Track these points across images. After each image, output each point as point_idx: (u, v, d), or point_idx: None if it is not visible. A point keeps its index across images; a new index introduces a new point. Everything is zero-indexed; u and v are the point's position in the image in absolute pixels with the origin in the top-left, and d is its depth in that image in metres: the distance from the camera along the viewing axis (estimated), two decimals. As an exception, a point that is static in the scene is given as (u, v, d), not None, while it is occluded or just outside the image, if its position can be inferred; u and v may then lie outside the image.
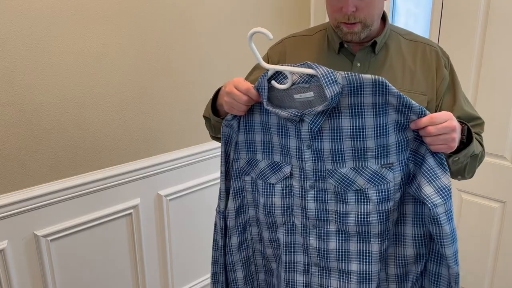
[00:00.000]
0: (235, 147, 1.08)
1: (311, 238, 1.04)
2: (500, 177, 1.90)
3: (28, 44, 1.42)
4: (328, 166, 0.99)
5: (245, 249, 1.11)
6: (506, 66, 1.79)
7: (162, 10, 1.72)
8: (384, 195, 0.97)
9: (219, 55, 1.97)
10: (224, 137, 1.08)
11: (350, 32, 1.10)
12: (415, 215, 1.02)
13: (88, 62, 1.57)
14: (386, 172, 0.96)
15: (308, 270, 1.07)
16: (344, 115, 0.94)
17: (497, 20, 1.78)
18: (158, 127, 1.83)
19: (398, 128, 0.94)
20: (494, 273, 2.01)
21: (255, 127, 1.05)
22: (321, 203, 1.02)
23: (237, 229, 1.09)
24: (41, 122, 1.50)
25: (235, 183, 1.09)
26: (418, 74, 1.16)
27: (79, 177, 1.62)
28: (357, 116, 0.94)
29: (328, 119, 0.95)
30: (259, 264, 1.14)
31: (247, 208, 1.10)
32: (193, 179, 1.98)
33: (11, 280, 1.52)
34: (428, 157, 0.96)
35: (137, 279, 1.90)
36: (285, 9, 2.18)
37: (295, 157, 1.01)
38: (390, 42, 1.18)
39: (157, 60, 1.76)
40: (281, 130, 1.01)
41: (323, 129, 0.97)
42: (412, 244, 1.03)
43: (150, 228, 1.88)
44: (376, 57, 1.16)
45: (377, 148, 0.95)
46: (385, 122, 0.93)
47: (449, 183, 0.95)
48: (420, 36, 1.22)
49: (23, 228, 1.51)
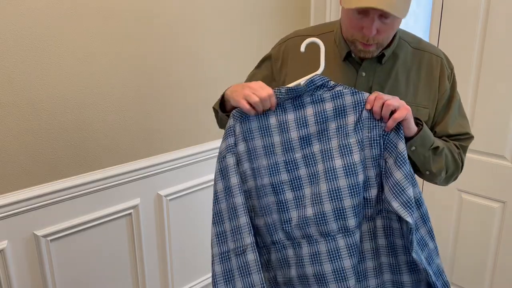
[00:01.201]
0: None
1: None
2: (500, 177, 1.90)
3: (28, 44, 1.42)
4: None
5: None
6: (506, 66, 1.79)
7: (162, 10, 1.72)
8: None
9: (219, 55, 1.97)
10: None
11: (364, 51, 1.08)
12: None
13: (88, 62, 1.57)
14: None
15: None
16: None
17: (497, 20, 1.78)
18: (158, 127, 1.83)
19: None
20: (494, 272, 2.01)
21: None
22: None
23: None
24: (41, 122, 1.50)
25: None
26: (422, 86, 1.15)
27: (79, 177, 1.62)
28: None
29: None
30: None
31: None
32: (193, 179, 1.98)
33: (11, 280, 1.52)
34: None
35: (137, 279, 1.90)
36: (285, 9, 2.18)
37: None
38: (399, 51, 1.15)
39: (157, 60, 1.76)
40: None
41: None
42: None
43: (150, 228, 1.88)
44: (382, 67, 1.14)
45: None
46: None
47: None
48: (427, 44, 1.20)
49: (23, 228, 1.51)
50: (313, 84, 1.05)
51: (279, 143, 1.07)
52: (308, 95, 1.06)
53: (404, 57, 1.16)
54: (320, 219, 1.05)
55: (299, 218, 1.06)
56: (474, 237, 2.03)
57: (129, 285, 1.88)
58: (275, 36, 2.17)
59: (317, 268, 1.06)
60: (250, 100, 1.02)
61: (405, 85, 1.14)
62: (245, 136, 1.06)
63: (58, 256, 1.62)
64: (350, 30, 1.06)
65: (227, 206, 1.04)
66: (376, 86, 1.14)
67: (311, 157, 1.06)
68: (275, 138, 1.07)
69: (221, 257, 1.04)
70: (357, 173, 1.03)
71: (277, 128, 1.07)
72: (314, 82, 1.05)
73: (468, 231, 2.04)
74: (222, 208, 1.05)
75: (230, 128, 1.06)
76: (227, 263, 1.04)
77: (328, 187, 1.04)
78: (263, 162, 1.07)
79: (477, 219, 1.99)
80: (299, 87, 1.05)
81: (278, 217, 1.08)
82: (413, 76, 1.15)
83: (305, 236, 1.07)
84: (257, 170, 1.07)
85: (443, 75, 1.16)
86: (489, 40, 1.82)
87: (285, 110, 1.06)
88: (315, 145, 1.06)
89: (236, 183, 1.03)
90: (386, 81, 1.14)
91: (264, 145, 1.07)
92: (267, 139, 1.07)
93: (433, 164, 1.14)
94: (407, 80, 1.15)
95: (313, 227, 1.06)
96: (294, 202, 1.07)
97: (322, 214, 1.04)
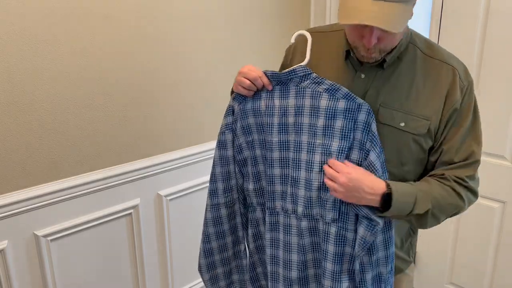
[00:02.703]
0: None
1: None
2: (500, 177, 1.90)
3: (28, 44, 1.42)
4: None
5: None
6: (506, 66, 1.79)
7: (162, 10, 1.72)
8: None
9: (220, 55, 1.97)
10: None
11: (367, 57, 1.06)
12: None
13: (88, 62, 1.57)
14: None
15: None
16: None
17: (497, 20, 1.78)
18: (158, 127, 1.83)
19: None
20: (494, 273, 2.01)
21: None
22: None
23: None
24: (41, 122, 1.50)
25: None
26: (425, 96, 1.08)
27: (79, 177, 1.62)
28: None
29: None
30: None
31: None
32: (193, 179, 1.98)
33: (11, 280, 1.52)
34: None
35: (137, 279, 1.90)
36: (285, 9, 2.18)
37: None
38: (404, 56, 1.10)
39: (157, 60, 1.76)
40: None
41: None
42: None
43: (150, 228, 1.88)
44: (383, 71, 1.10)
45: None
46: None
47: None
48: (441, 52, 1.11)
49: (23, 228, 1.51)
50: (294, 74, 1.12)
51: (266, 124, 1.17)
52: (294, 86, 1.13)
53: (410, 63, 1.10)
54: (294, 199, 1.16)
55: (282, 193, 1.18)
56: (474, 237, 2.03)
57: (129, 285, 1.88)
58: (275, 37, 2.17)
59: (275, 235, 1.22)
60: (242, 84, 1.15)
61: (407, 90, 1.08)
62: (242, 115, 1.20)
63: (58, 256, 1.62)
64: (352, 37, 1.05)
65: (221, 171, 1.25)
66: (372, 90, 1.10)
67: (286, 144, 1.16)
68: (264, 119, 1.17)
69: (211, 207, 1.29)
70: (312, 171, 1.12)
71: (265, 111, 1.16)
72: (295, 71, 1.12)
73: (468, 231, 2.04)
74: (217, 171, 1.25)
75: (230, 108, 1.21)
76: (217, 212, 1.29)
77: (294, 174, 1.15)
78: (255, 136, 1.20)
79: (477, 219, 1.99)
80: (281, 73, 1.13)
81: (265, 185, 1.21)
82: (417, 84, 1.08)
83: (283, 209, 1.19)
84: (251, 143, 1.21)
85: (454, 86, 1.07)
86: (489, 40, 1.82)
87: (273, 96, 1.16)
88: (291, 134, 1.14)
89: (231, 155, 1.23)
90: (384, 86, 1.10)
91: (256, 123, 1.19)
92: (258, 119, 1.18)
93: (417, 225, 1.11)
94: (409, 87, 1.08)
95: (289, 204, 1.18)
96: (279, 178, 1.18)
97: (296, 195, 1.16)
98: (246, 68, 1.15)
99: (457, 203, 1.09)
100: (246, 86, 1.15)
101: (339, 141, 1.08)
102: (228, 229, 1.31)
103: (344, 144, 1.08)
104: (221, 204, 1.28)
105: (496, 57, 1.81)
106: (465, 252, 2.07)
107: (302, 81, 1.12)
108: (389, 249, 1.12)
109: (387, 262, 1.13)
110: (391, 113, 1.09)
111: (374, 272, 1.13)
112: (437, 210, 1.07)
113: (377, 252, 1.11)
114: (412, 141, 1.09)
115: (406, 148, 1.09)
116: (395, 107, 1.09)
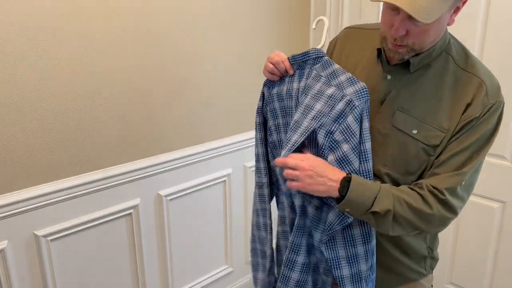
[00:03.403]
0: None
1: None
2: (500, 177, 1.90)
3: (28, 44, 1.42)
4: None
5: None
6: (506, 66, 1.79)
7: (163, 10, 1.72)
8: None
9: (220, 55, 1.97)
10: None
11: (393, 51, 1.03)
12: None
13: (88, 62, 1.57)
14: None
15: None
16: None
17: (497, 20, 1.78)
18: (158, 127, 1.83)
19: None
20: (494, 273, 2.01)
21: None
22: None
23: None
24: (41, 122, 1.50)
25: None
26: (447, 107, 1.03)
27: (79, 177, 1.62)
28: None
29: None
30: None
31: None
32: (193, 179, 1.98)
33: (11, 280, 1.52)
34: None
35: (137, 279, 1.90)
36: (285, 9, 2.18)
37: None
38: (435, 64, 1.05)
39: (157, 60, 1.76)
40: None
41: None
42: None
43: (150, 228, 1.88)
44: (410, 75, 1.07)
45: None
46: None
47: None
48: (477, 66, 1.04)
49: (23, 228, 1.51)
50: (307, 56, 1.18)
51: (287, 107, 1.23)
52: (309, 68, 1.19)
53: (440, 72, 1.05)
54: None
55: None
56: (474, 237, 2.03)
57: (129, 285, 1.88)
58: (275, 37, 2.17)
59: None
60: (267, 68, 1.21)
61: (427, 100, 1.04)
62: (269, 99, 1.26)
63: (58, 256, 1.62)
64: (383, 26, 1.03)
65: (256, 152, 1.32)
66: (394, 92, 1.08)
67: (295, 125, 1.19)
68: (285, 102, 1.23)
69: (256, 184, 1.35)
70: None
71: (285, 95, 1.22)
72: (308, 53, 1.18)
73: (468, 231, 2.04)
74: (258, 152, 1.32)
75: (261, 94, 1.29)
76: (256, 189, 1.35)
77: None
78: (280, 120, 1.26)
79: (477, 219, 1.99)
80: (297, 55, 1.19)
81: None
82: (441, 94, 1.03)
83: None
84: (277, 127, 1.27)
85: (476, 100, 1.00)
86: (489, 40, 1.81)
87: (293, 80, 1.21)
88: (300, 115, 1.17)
89: (259, 138, 1.30)
90: (406, 90, 1.07)
91: (280, 107, 1.25)
92: (281, 103, 1.24)
93: (377, 227, 1.04)
94: (432, 96, 1.04)
95: None
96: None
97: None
98: (273, 53, 1.21)
99: (424, 211, 1.00)
100: (269, 69, 1.20)
101: (310, 121, 1.10)
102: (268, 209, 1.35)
103: (311, 125, 1.10)
104: (264, 184, 1.33)
105: (496, 57, 1.81)
106: (465, 252, 2.07)
107: (315, 63, 1.17)
108: (368, 244, 1.10)
109: (367, 258, 1.11)
110: (406, 118, 1.06)
111: (353, 270, 1.12)
112: (399, 214, 1.00)
113: (354, 247, 1.10)
114: (422, 151, 1.05)
115: (415, 157, 1.05)
116: (412, 113, 1.06)
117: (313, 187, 1.02)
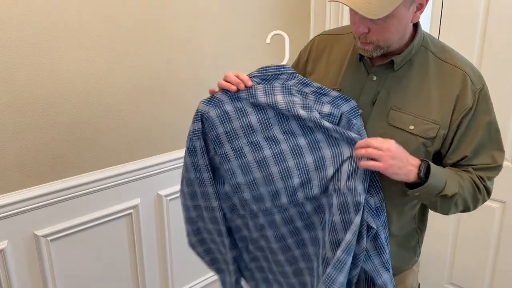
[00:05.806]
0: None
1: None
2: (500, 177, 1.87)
3: (28, 44, 1.42)
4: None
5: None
6: (506, 66, 1.79)
7: (163, 10, 1.72)
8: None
9: (220, 55, 1.97)
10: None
11: (362, 49, 1.06)
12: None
13: (88, 62, 1.57)
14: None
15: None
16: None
17: (497, 20, 1.78)
18: (158, 127, 1.83)
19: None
20: (494, 273, 2.01)
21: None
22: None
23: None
24: (41, 122, 1.50)
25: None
26: (436, 100, 1.07)
27: (79, 177, 1.62)
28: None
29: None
30: None
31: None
32: (193, 179, 1.98)
33: (11, 280, 1.52)
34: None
35: (137, 279, 1.90)
36: (285, 9, 2.18)
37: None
38: (416, 59, 1.09)
39: (157, 60, 1.76)
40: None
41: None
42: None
43: (150, 228, 1.88)
44: (394, 74, 1.10)
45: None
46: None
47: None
48: (454, 56, 1.11)
49: (23, 228, 1.51)
50: (283, 69, 1.14)
51: (256, 122, 1.15)
52: (280, 83, 1.13)
53: (422, 66, 1.09)
54: (291, 191, 1.16)
55: (285, 188, 1.17)
56: (474, 237, 2.03)
57: (129, 285, 1.88)
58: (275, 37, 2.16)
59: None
60: (220, 84, 1.15)
61: (416, 95, 1.08)
62: (222, 119, 1.16)
63: (58, 256, 1.62)
64: (351, 25, 1.06)
65: (195, 176, 1.23)
66: (383, 92, 1.10)
67: (273, 139, 1.15)
68: (252, 118, 1.15)
69: (194, 207, 1.30)
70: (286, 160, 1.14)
71: (252, 110, 1.15)
72: (284, 67, 1.14)
73: (468, 231, 2.04)
74: (192, 176, 1.24)
75: (199, 115, 1.17)
76: (200, 211, 1.29)
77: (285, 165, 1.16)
78: (243, 140, 1.16)
79: (477, 219, 1.99)
80: (269, 67, 1.15)
81: (263, 187, 1.18)
82: (428, 87, 1.08)
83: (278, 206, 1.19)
84: (240, 149, 1.17)
85: (464, 90, 1.06)
86: (489, 40, 1.82)
87: (256, 95, 1.13)
88: (276, 127, 1.15)
89: (202, 163, 1.20)
90: (395, 89, 1.10)
91: (242, 125, 1.16)
92: (243, 119, 1.15)
93: (440, 208, 1.10)
94: (420, 90, 1.08)
95: (286, 198, 1.17)
96: (279, 174, 1.17)
97: (292, 187, 1.16)
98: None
99: (476, 196, 1.11)
100: (221, 84, 1.15)
101: (303, 137, 1.12)
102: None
103: (301, 141, 1.12)
104: (202, 206, 1.29)
105: (496, 57, 1.81)
106: (465, 252, 2.07)
107: (289, 79, 1.13)
108: (383, 255, 1.10)
109: (387, 244, 1.11)
110: (401, 116, 1.08)
111: (383, 259, 1.11)
112: (461, 196, 1.08)
113: (371, 259, 1.10)
114: (421, 145, 1.08)
115: (415, 152, 1.07)
116: (405, 110, 1.08)
117: (394, 169, 1.00)
